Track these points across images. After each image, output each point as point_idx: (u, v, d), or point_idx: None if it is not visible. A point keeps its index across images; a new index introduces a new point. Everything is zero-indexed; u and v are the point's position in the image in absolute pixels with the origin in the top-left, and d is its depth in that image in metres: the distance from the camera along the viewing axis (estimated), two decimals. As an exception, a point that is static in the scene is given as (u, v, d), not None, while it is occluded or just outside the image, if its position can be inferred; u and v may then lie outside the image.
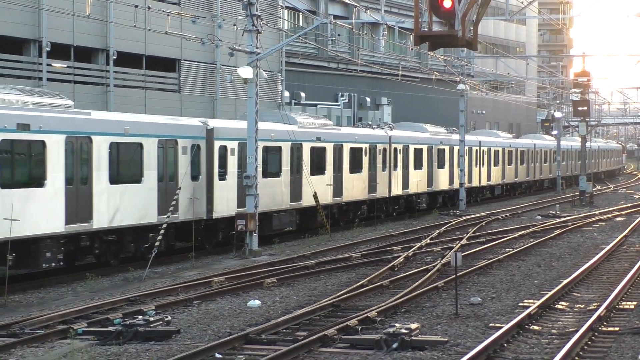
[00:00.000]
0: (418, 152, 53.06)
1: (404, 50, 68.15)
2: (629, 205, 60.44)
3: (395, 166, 49.81)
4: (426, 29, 13.89)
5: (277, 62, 54.63)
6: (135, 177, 30.48)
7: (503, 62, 68.87)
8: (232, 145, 35.26)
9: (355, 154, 45.30)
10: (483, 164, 65.23)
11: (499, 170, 69.08)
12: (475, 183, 63.74)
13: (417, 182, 52.70)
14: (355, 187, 44.68)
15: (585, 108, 66.05)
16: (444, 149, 57.04)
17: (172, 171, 32.24)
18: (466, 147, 59.63)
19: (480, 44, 70.96)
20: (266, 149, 37.45)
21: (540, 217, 51.71)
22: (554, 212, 54.03)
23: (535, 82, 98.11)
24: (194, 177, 33.35)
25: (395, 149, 49.94)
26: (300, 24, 65.13)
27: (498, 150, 68.35)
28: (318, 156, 41.75)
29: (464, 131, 58.61)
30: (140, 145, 30.74)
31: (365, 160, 46.23)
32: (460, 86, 58.16)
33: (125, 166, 30.22)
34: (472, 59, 67.18)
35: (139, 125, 31.15)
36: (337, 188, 43.28)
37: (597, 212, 53.60)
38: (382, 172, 48.06)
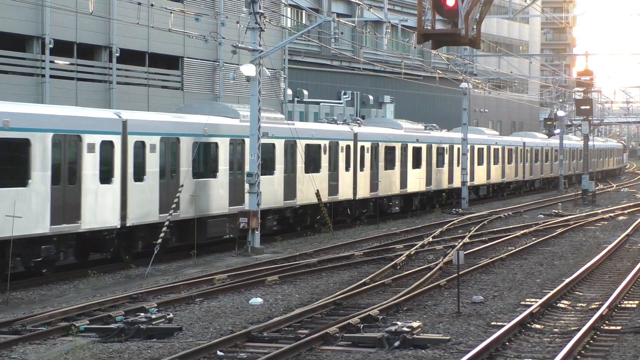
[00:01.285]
0: (390, 151, 49.06)
1: (406, 48, 68.10)
2: (632, 204, 60.39)
3: (362, 166, 45.65)
4: (429, 27, 13.89)
5: (280, 60, 54.61)
6: (20, 180, 25.81)
7: (506, 60, 68.85)
8: (153, 141, 30.92)
9: (312, 151, 40.90)
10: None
11: (484, 170, 64.82)
12: (456, 184, 58.57)
13: (389, 183, 48.69)
14: (312, 189, 39.66)
15: (588, 107, 65.99)
16: (420, 147, 52.90)
17: (74, 172, 27.62)
18: (446, 145, 56.69)
19: (483, 43, 70.91)
20: (197, 146, 33.05)
21: (542, 215, 51.69)
22: (556, 211, 54.04)
23: (538, 80, 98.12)
24: (105, 179, 28.83)
25: (362, 147, 45.86)
26: (304, 21, 65.12)
27: (482, 149, 64.30)
28: (266, 154, 36.92)
29: (466, 129, 58.54)
30: (27, 142, 25.95)
31: (325, 158, 42.04)
32: (463, 84, 58.11)
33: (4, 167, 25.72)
34: (475, 57, 67.15)
35: (24, 117, 26.21)
36: (290, 189, 38.99)
37: (599, 211, 53.58)
38: (345, 172, 43.86)
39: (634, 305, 22.73)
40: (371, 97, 71.57)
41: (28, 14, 39.01)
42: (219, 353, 17.29)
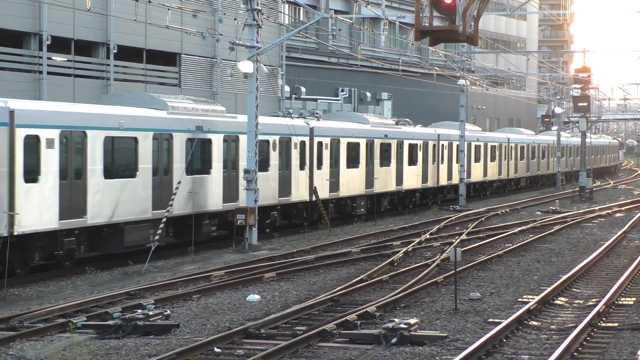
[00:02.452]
0: (353, 147, 45.08)
1: (404, 45, 68.10)
2: (629, 201, 60.46)
3: (320, 164, 41.76)
4: (427, 24, 13.90)
5: (277, 57, 54.60)
6: None
7: (504, 57, 68.98)
8: (50, 134, 26.64)
9: (260, 148, 36.14)
10: (442, 160, 56.88)
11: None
12: (431, 183, 55.32)
13: (352, 183, 44.72)
14: (260, 190, 35.34)
15: (585, 104, 66.02)
16: (389, 144, 49.02)
17: None
18: (420, 142, 53.08)
19: (480, 40, 71.00)
20: (111, 141, 29.08)
21: (539, 212, 51.73)
22: (553, 208, 54.08)
23: (535, 77, 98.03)
24: None
25: (320, 143, 41.85)
26: (301, 18, 65.10)
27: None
28: (200, 151, 33.56)
29: (464, 126, 58.54)
30: None
31: (274, 156, 38.20)
32: (461, 81, 58.12)
33: None
34: (472, 54, 67.12)
35: None
36: (230, 191, 34.91)
37: (596, 208, 53.61)
38: (299, 172, 39.78)
39: (631, 302, 22.76)
40: (369, 94, 71.59)
41: (25, 11, 38.98)
42: (216, 350, 17.29)
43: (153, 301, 22.17)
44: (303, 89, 63.48)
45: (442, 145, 56.92)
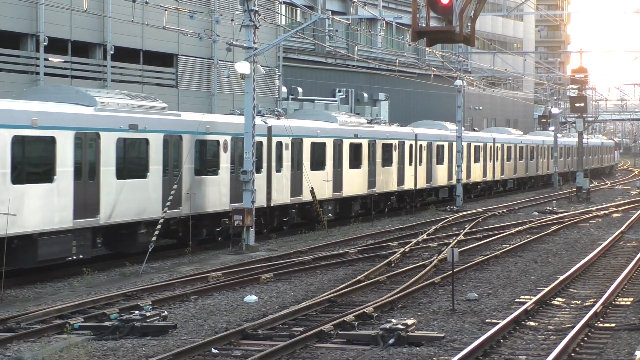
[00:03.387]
0: (319, 148, 41.98)
1: (401, 46, 68.11)
2: (626, 201, 60.52)
3: (280, 166, 38.66)
4: (424, 25, 13.90)
5: (274, 58, 54.61)
6: None
7: (500, 58, 68.90)
8: None
9: (206, 149, 34.11)
10: (420, 161, 53.74)
11: (444, 170, 57.84)
12: (408, 185, 52.19)
13: (318, 186, 41.14)
14: (207, 195, 33.40)
15: (582, 104, 66.11)
16: (360, 144, 45.99)
17: None
18: (395, 142, 50.08)
19: (477, 40, 71.08)
20: (22, 141, 25.66)
21: (537, 213, 51.75)
22: (550, 208, 54.11)
23: (532, 78, 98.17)
24: None
25: (280, 144, 38.71)
26: (298, 19, 65.10)
27: (443, 146, 57.62)
28: (133, 152, 30.29)
29: (461, 127, 58.56)
30: None
31: (225, 158, 34.90)
32: (458, 82, 58.14)
33: None
34: (469, 54, 67.16)
35: None
36: (174, 197, 31.40)
37: (593, 209, 53.66)
38: (256, 175, 35.74)
39: (628, 303, 22.77)
40: (366, 95, 71.59)
41: (22, 12, 38.96)
42: (213, 351, 17.29)
43: (150, 302, 22.16)
44: (300, 90, 63.48)
45: (420, 145, 53.92)
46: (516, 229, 40.50)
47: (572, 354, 17.30)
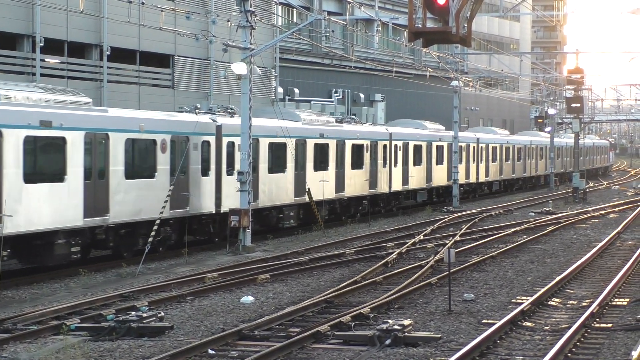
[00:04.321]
0: (278, 149, 38.75)
1: (397, 46, 68.13)
2: (622, 202, 60.57)
3: (231, 168, 35.38)
4: (420, 26, 13.90)
5: (271, 58, 54.60)
6: None
7: (497, 58, 69.03)
8: None
9: (141, 150, 31.10)
10: (396, 163, 50.66)
11: (422, 171, 54.65)
12: (382, 189, 49.20)
13: (277, 190, 38.56)
14: (141, 201, 30.43)
15: (578, 105, 66.17)
16: (326, 144, 43.02)
17: None
18: (367, 142, 47.08)
19: (474, 41, 71.00)
20: None
21: (533, 213, 51.79)
22: (547, 209, 54.13)
23: (528, 78, 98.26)
24: None
25: (231, 144, 35.53)
26: (295, 20, 65.10)
27: (420, 146, 54.23)
28: (46, 152, 27.14)
29: (457, 128, 58.59)
30: None
31: (163, 159, 31.82)
32: (454, 83, 58.19)
33: None
34: (465, 55, 67.22)
35: None
36: (97, 202, 28.49)
37: (590, 209, 53.71)
38: (202, 178, 33.87)
39: (625, 303, 22.79)
40: (362, 96, 71.62)
41: (18, 12, 38.94)
42: (210, 352, 17.28)
43: (147, 303, 22.16)
44: (296, 91, 63.50)
45: (396, 145, 50.80)
46: (513, 230, 40.52)
47: (569, 355, 17.31)
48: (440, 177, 57.39)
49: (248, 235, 34.12)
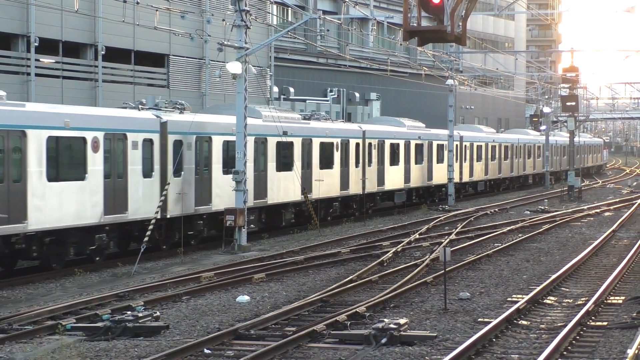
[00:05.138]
0: (234, 148, 34.77)
1: (393, 45, 68.12)
2: (617, 200, 60.61)
3: (179, 170, 32.65)
4: (415, 24, 13.91)
5: (266, 58, 54.61)
6: None
7: (492, 57, 69.08)
8: None
9: (68, 149, 28.30)
10: (370, 162, 47.70)
11: (400, 171, 51.45)
12: (355, 190, 46.00)
13: (230, 194, 34.55)
14: (68, 206, 27.76)
15: (573, 103, 66.23)
16: (291, 143, 39.86)
17: None
18: (337, 140, 44.08)
19: (469, 39, 71.03)
20: None
21: (528, 212, 51.82)
22: (542, 207, 54.17)
23: (523, 77, 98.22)
24: None
25: (178, 143, 32.74)
26: (289, 19, 65.10)
27: (397, 144, 51.62)
28: None
29: (452, 126, 58.60)
30: None
31: (94, 159, 28.84)
32: (449, 81, 58.21)
33: None
34: (460, 54, 67.22)
35: None
36: (15, 207, 26.01)
37: (585, 207, 53.75)
38: (142, 180, 30.98)
39: (620, 301, 22.81)
40: (357, 95, 71.63)
41: (13, 12, 38.90)
42: (206, 351, 17.27)
43: (142, 303, 22.14)
44: (292, 90, 63.50)
45: (370, 144, 47.84)
46: (508, 228, 40.54)
47: (565, 353, 17.33)
48: (420, 177, 54.81)
49: (244, 235, 34.11)
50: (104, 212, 29.17)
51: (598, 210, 51.92)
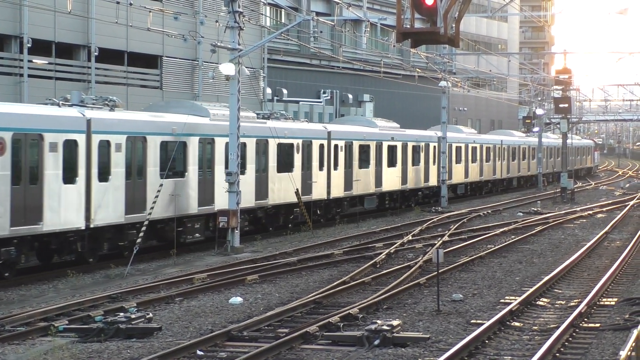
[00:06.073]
0: (175, 149, 32.69)
1: (386, 47, 68.18)
2: (610, 202, 60.70)
3: (106, 174, 29.45)
4: (408, 26, 13.90)
5: (259, 59, 54.58)
6: None
7: (485, 59, 69.09)
8: None
9: None
10: (336, 165, 44.55)
11: (371, 174, 48.76)
12: (318, 195, 42.71)
13: (169, 200, 32.08)
14: None
15: (566, 105, 66.33)
16: (243, 144, 35.88)
17: None
18: (298, 141, 41.09)
19: (462, 41, 71.18)
20: None
21: (521, 213, 51.85)
22: (535, 209, 54.22)
23: (516, 79, 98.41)
24: None
25: (106, 143, 29.42)
26: (283, 20, 65.08)
27: (367, 146, 48.39)
28: None
29: (445, 128, 58.64)
30: None
31: (2, 164, 25.72)
32: (442, 83, 58.26)
33: None
34: (454, 56, 67.29)
35: None
36: None
37: (578, 209, 53.82)
38: (63, 186, 27.70)
39: (613, 303, 22.85)
40: (350, 96, 71.62)
41: (6, 13, 38.84)
42: (198, 352, 17.27)
43: (135, 304, 22.12)
44: (285, 91, 63.48)
45: (336, 145, 44.75)
46: (501, 230, 40.58)
47: (557, 354, 17.35)
48: (393, 181, 51.48)
49: (237, 236, 34.09)
50: (11, 224, 25.75)
51: (591, 212, 51.99)
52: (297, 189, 40.03)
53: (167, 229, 32.59)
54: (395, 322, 18.73)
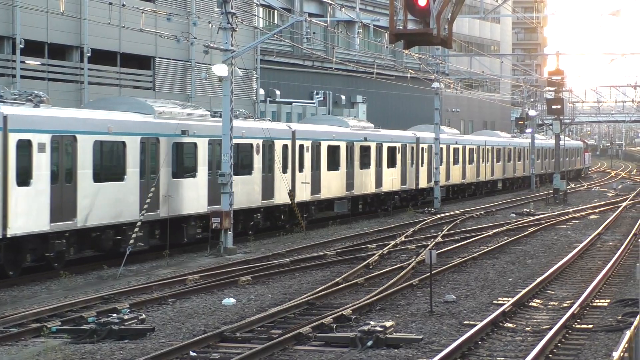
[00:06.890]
0: (112, 150, 30.33)
1: (379, 48, 68.23)
2: (603, 203, 60.78)
3: (27, 177, 26.41)
4: (401, 27, 13.90)
5: (252, 60, 54.56)
6: None
7: (478, 60, 69.08)
8: None
9: None
10: (302, 168, 42.35)
11: (341, 177, 46.24)
12: (281, 199, 39.93)
13: (114, 202, 29.89)
14: None
15: (559, 106, 66.41)
16: (194, 144, 34.10)
17: None
18: (258, 141, 38.17)
19: (455, 42, 71.20)
20: None
21: (514, 215, 51.90)
22: (528, 210, 54.27)
23: (509, 80, 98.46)
24: None
25: (25, 143, 26.35)
26: (276, 21, 65.10)
27: (337, 146, 45.94)
28: None
29: (438, 129, 58.66)
30: None
31: None
32: (435, 84, 58.28)
33: None
34: (446, 57, 67.34)
35: None
36: None
37: (570, 210, 53.88)
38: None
39: (605, 304, 22.87)
40: (343, 97, 71.66)
41: (-2, 14, 38.80)
42: (191, 354, 17.25)
43: (128, 305, 22.10)
44: (278, 92, 63.49)
45: (302, 146, 42.36)
46: (494, 231, 40.61)
47: (550, 356, 17.36)
48: (366, 183, 49.00)
49: (229, 237, 34.07)
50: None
51: (583, 213, 52.06)
52: (289, 190, 39.98)
53: (103, 238, 29.59)
54: (388, 323, 18.74)
